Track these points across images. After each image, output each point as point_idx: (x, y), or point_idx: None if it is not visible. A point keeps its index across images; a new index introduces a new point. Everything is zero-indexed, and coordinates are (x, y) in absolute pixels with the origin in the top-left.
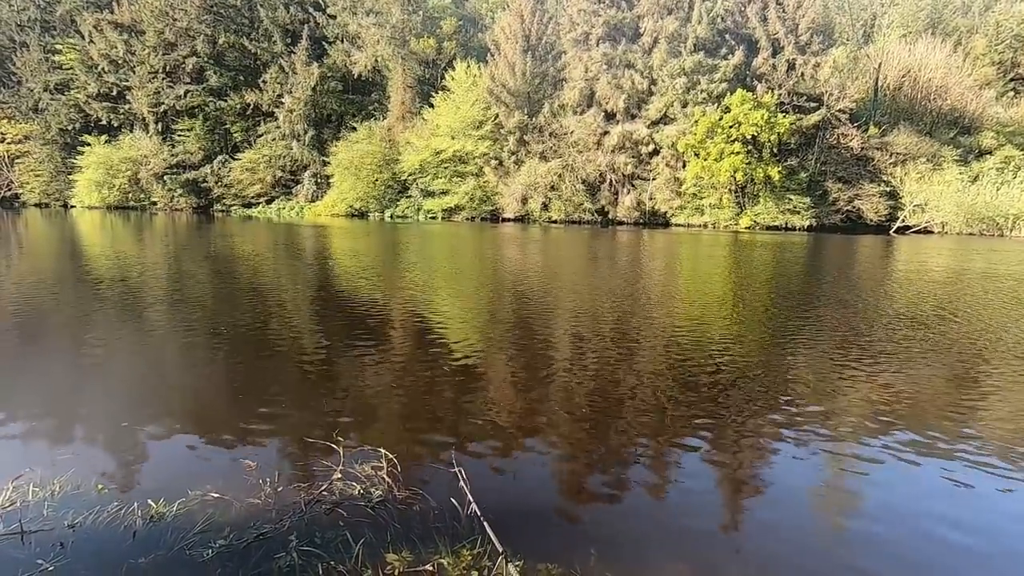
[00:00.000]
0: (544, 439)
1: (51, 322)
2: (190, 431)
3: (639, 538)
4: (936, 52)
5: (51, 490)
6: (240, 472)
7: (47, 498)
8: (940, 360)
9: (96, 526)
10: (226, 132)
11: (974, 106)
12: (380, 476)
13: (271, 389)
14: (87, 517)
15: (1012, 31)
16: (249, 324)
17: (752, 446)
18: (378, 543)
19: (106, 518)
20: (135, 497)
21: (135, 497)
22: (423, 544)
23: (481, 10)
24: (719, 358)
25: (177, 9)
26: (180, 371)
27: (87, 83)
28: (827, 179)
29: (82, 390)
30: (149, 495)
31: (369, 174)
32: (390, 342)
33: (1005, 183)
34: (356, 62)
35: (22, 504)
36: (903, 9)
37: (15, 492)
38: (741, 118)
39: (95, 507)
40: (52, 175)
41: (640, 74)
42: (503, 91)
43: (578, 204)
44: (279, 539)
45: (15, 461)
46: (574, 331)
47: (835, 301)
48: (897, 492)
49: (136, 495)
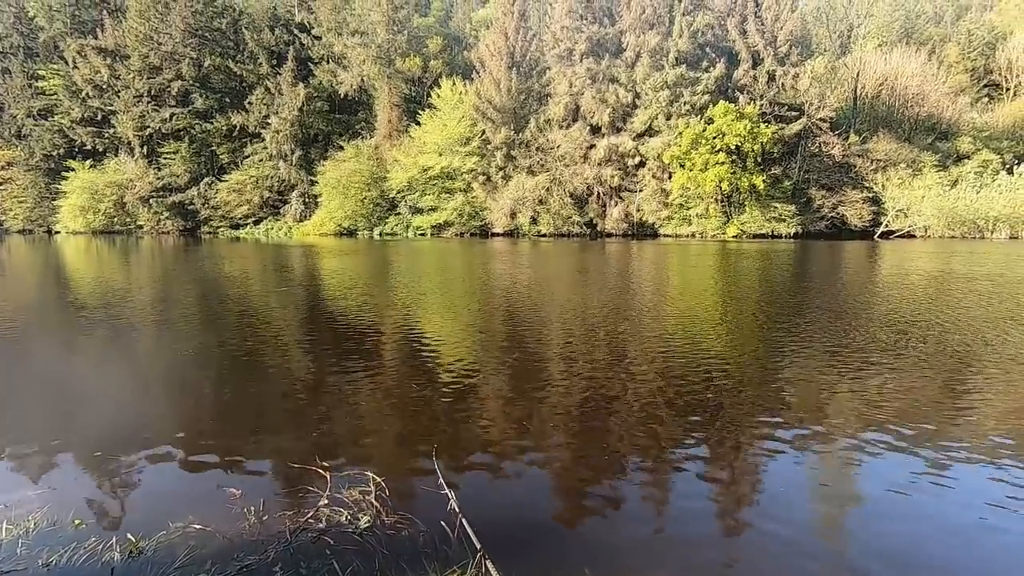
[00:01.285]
0: (536, 457)
1: (28, 349)
2: (172, 459)
3: (634, 556)
4: (911, 60)
5: (25, 527)
6: (223, 501)
7: (21, 536)
8: (929, 364)
9: (72, 564)
10: (212, 154)
11: (950, 112)
12: (368, 501)
13: (256, 413)
14: (63, 555)
15: (983, 39)
16: (235, 347)
17: (746, 456)
18: (366, 571)
19: (83, 555)
20: (114, 532)
21: (114, 532)
22: (413, 570)
23: (466, 29)
24: (710, 369)
25: (162, 33)
26: (162, 397)
27: (71, 108)
28: (811, 187)
29: (60, 419)
30: (129, 529)
31: (357, 192)
32: (378, 362)
33: (984, 186)
34: (342, 82)
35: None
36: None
37: None
38: (724, 129)
39: (72, 544)
40: (36, 201)
41: (624, 88)
42: (489, 107)
43: (566, 217)
44: (263, 571)
45: None
46: (565, 346)
47: (823, 308)
48: (892, 499)
49: (115, 529)
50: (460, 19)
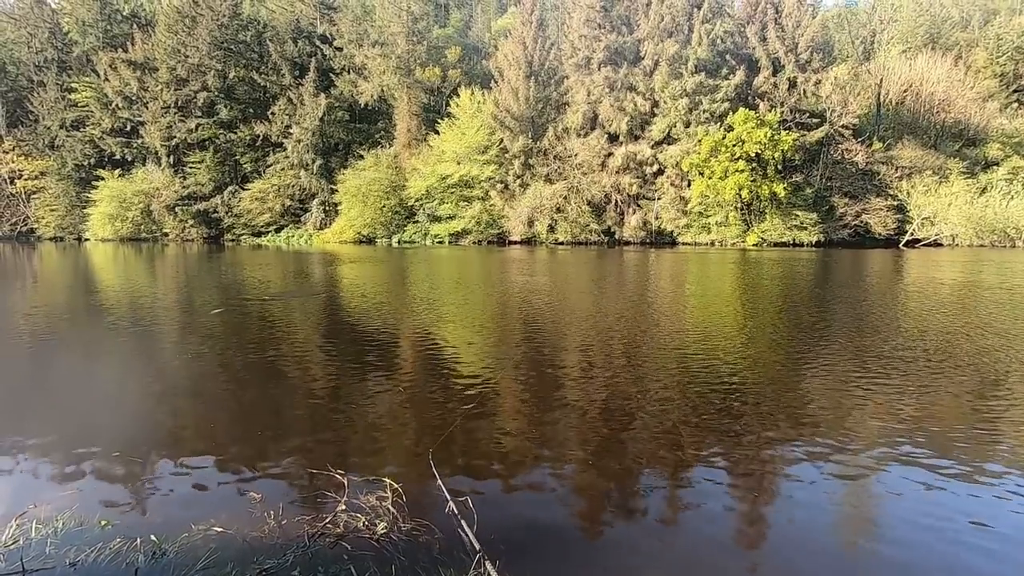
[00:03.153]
0: (554, 467)
1: (58, 353)
2: (195, 463)
3: (651, 568)
4: (937, 66)
5: (54, 527)
6: (245, 504)
7: (50, 535)
8: (957, 377)
9: (98, 564)
10: (236, 163)
11: (978, 118)
12: (385, 507)
13: (276, 418)
14: (89, 555)
15: (1013, 43)
16: (257, 352)
17: (767, 470)
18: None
19: (108, 555)
20: (138, 532)
21: (138, 532)
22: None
23: (484, 38)
24: (731, 380)
25: (189, 47)
26: (186, 401)
27: (102, 119)
28: (833, 194)
29: (87, 422)
30: (153, 530)
31: (376, 200)
32: (397, 369)
33: (1014, 194)
34: (362, 92)
35: (24, 542)
36: (902, 25)
37: (18, 529)
38: (744, 136)
39: (98, 544)
40: (67, 209)
41: (642, 96)
42: (507, 116)
43: (584, 225)
44: (282, 574)
45: (20, 497)
46: (584, 355)
47: (846, 319)
48: (917, 514)
49: (139, 530)
50: (479, 29)
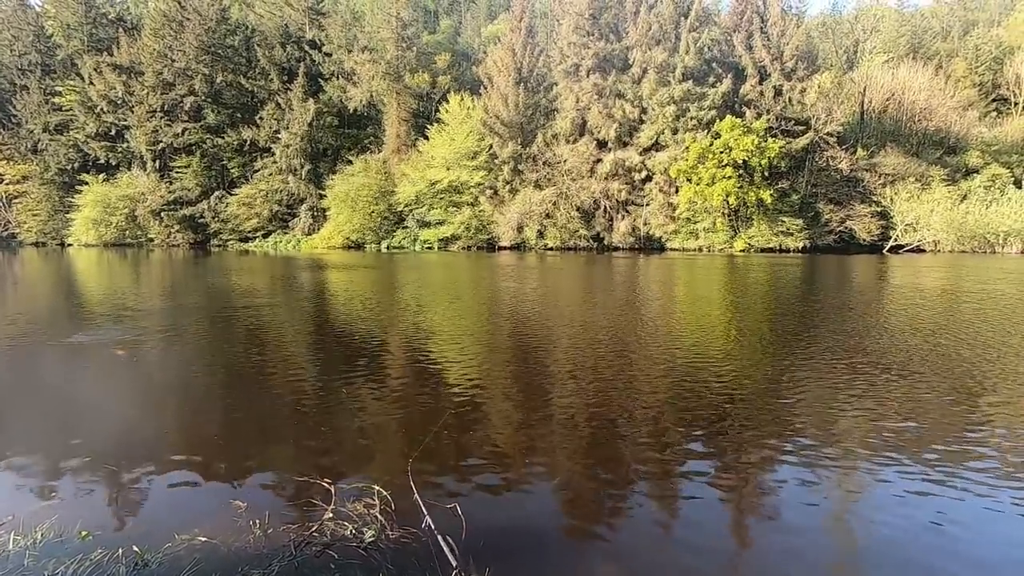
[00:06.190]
0: (543, 473)
1: (38, 361)
2: (179, 471)
3: (642, 573)
4: (918, 75)
5: (33, 539)
6: (229, 513)
7: (28, 547)
8: (941, 382)
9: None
10: (223, 168)
11: (959, 126)
12: (373, 515)
13: (262, 426)
14: (69, 567)
15: (991, 54)
16: (241, 359)
17: (756, 473)
18: None
19: (89, 567)
20: (120, 543)
21: (120, 543)
22: None
23: (474, 45)
24: (719, 386)
25: (176, 51)
26: (169, 409)
27: (86, 123)
28: (819, 201)
29: (67, 431)
30: (135, 540)
31: (365, 206)
32: (385, 376)
33: (994, 200)
34: (352, 97)
35: (2, 553)
36: (884, 35)
37: None
38: (731, 143)
39: (78, 555)
40: (50, 214)
41: (630, 103)
42: (496, 122)
43: (573, 231)
44: None
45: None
46: (573, 361)
47: (833, 324)
48: (905, 518)
49: (121, 541)
50: (469, 35)
